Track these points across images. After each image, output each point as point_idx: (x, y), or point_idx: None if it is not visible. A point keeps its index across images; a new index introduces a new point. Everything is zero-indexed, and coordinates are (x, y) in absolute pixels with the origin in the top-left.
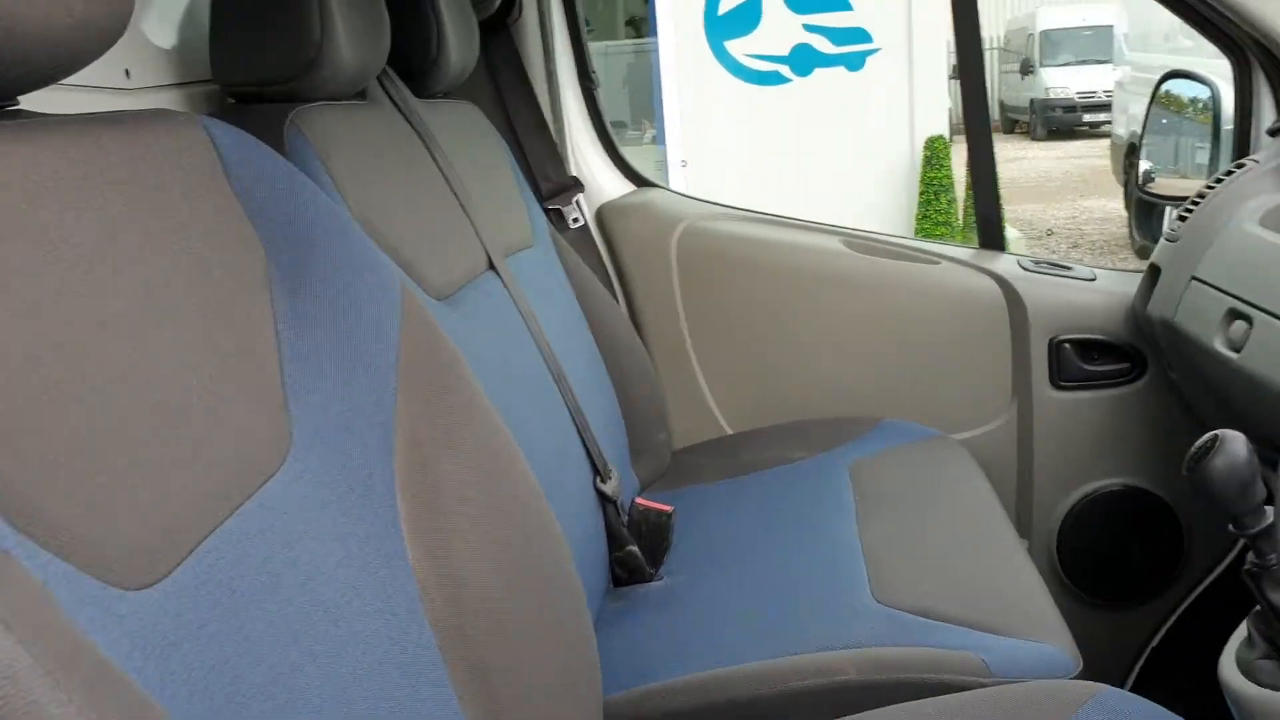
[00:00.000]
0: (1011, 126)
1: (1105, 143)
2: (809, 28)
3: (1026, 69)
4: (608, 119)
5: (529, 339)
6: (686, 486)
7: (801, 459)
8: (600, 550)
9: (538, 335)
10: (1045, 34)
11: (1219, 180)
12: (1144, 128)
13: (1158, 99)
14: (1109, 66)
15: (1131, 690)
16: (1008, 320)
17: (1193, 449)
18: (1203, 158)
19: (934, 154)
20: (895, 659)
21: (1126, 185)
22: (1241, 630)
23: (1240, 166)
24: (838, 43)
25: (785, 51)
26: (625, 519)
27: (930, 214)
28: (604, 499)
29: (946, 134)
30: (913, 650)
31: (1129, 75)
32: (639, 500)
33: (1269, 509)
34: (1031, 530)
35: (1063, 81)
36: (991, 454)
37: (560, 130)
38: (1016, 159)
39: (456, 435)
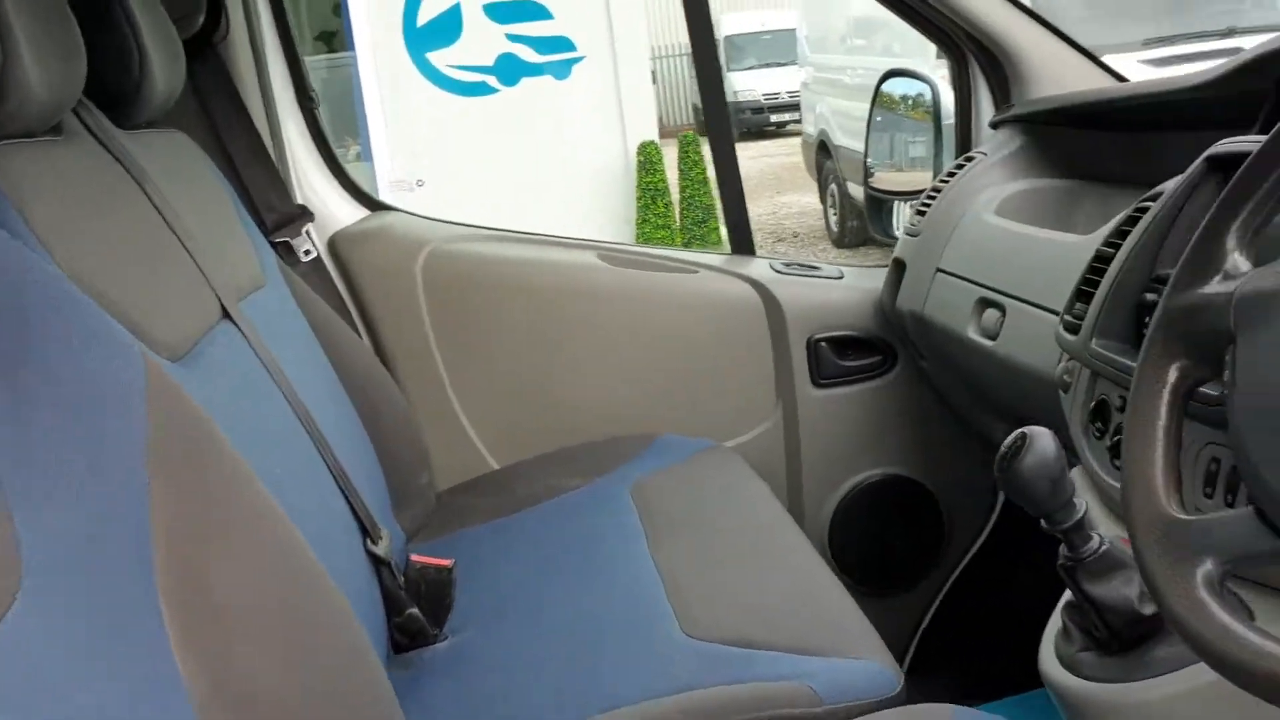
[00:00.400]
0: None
1: (795, 141)
2: (512, 37)
3: None
4: (331, 140)
5: (276, 392)
6: (457, 531)
7: (578, 487)
8: (378, 618)
9: (284, 387)
10: (729, 39)
11: (951, 175)
12: (868, 126)
13: (879, 98)
14: (793, 68)
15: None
16: (767, 324)
17: (1002, 449)
18: (926, 152)
19: (647, 159)
20: (723, 700)
21: (820, 180)
22: (1056, 621)
23: (970, 160)
24: (542, 51)
25: (490, 62)
26: (401, 579)
27: (649, 218)
28: (377, 561)
29: (657, 139)
30: (739, 688)
31: (812, 76)
32: (414, 558)
33: (1077, 502)
34: (804, 527)
35: (750, 84)
36: (762, 457)
37: (281, 155)
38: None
39: (223, 522)
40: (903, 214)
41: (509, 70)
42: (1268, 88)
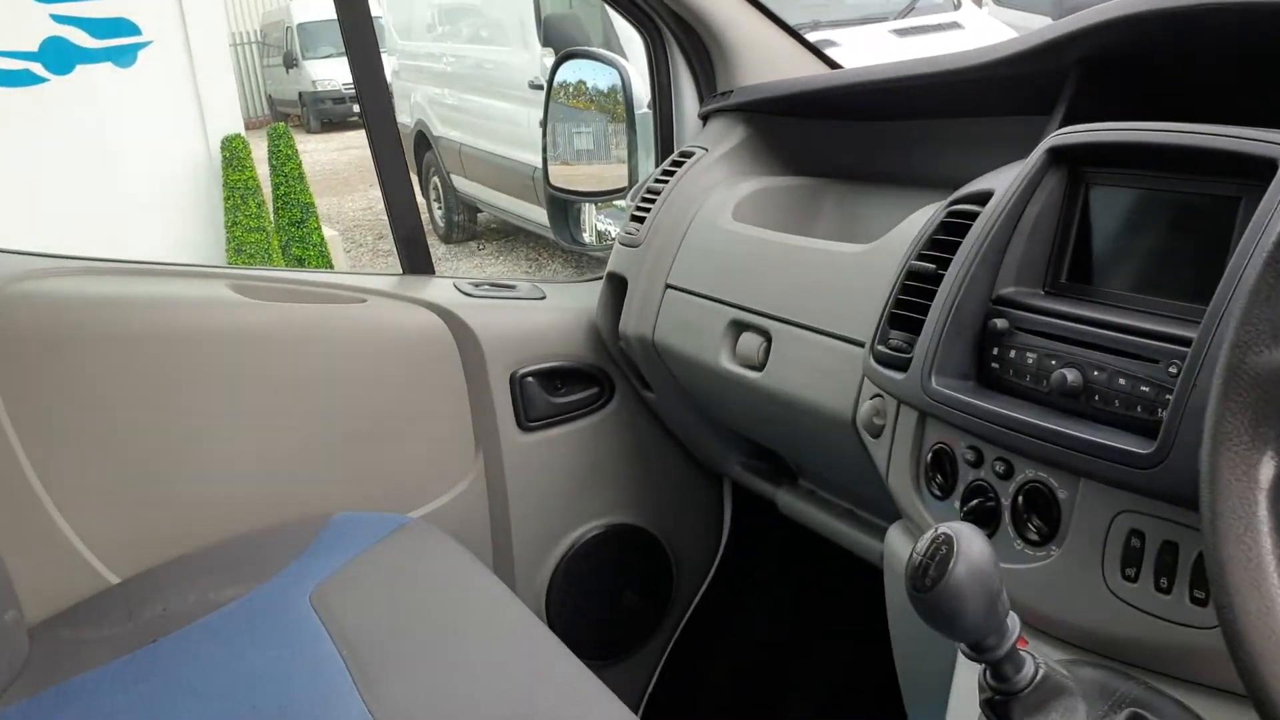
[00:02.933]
0: (284, 120)
1: None
2: (59, 18)
3: (290, 62)
4: None
5: None
6: (66, 680)
7: (236, 598)
8: None
9: None
10: (302, 26)
11: (667, 174)
12: (545, 116)
13: (555, 85)
14: (383, 56)
15: None
16: (459, 359)
17: (915, 562)
18: (613, 146)
19: (234, 155)
20: None
21: (420, 173)
22: None
23: (687, 156)
24: (98, 35)
25: (34, 47)
26: None
27: (240, 219)
28: None
29: (243, 132)
30: None
31: (402, 64)
32: None
33: (1011, 621)
34: (516, 595)
35: (329, 73)
36: (465, 521)
37: None
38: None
39: None
40: (590, 216)
41: (58, 56)
42: (1066, 68)
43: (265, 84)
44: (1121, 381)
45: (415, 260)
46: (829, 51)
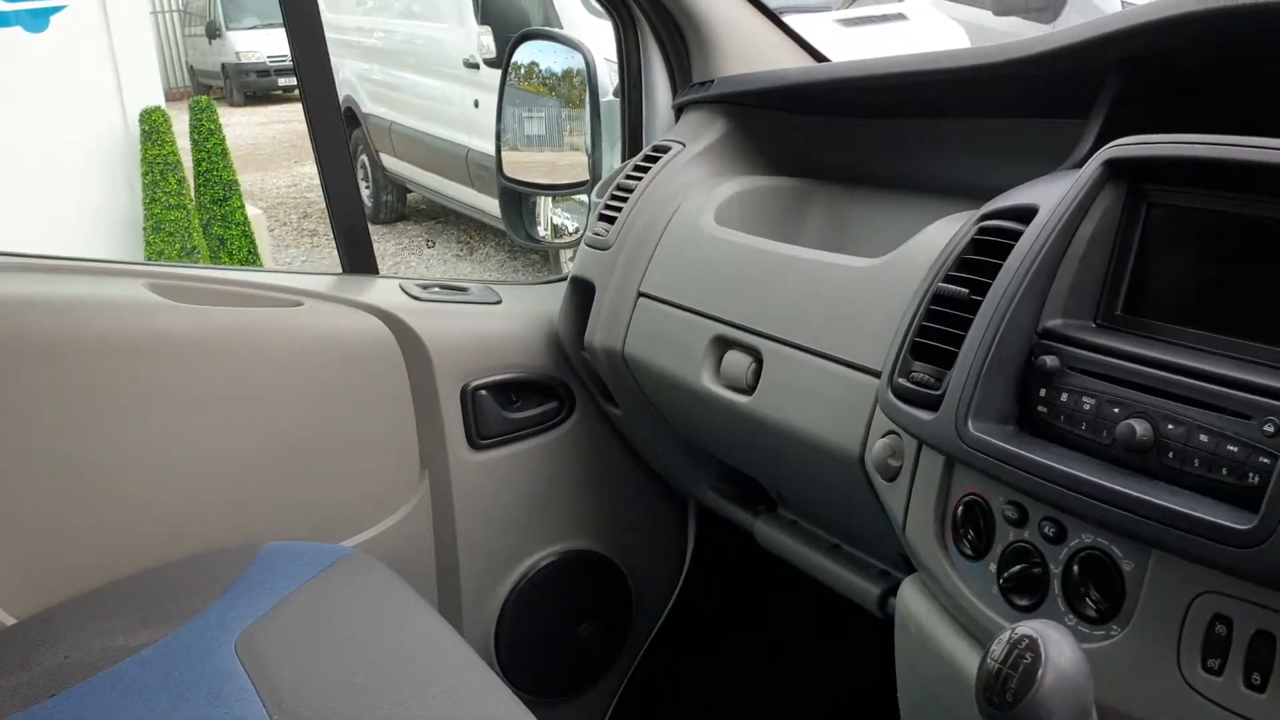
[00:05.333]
0: (206, 93)
1: None
2: None
3: (213, 32)
4: None
5: None
6: None
7: (150, 644)
8: None
9: None
10: None
11: (641, 169)
12: (500, 101)
13: (512, 69)
14: None
15: None
16: (405, 370)
17: (991, 669)
18: (570, 135)
19: (153, 128)
20: None
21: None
22: None
23: (662, 151)
24: None
25: None
26: None
27: (159, 196)
28: None
29: (163, 104)
30: None
31: (330, 38)
32: None
33: None
34: (464, 633)
35: (253, 45)
36: (408, 549)
37: None
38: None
39: None
40: (546, 210)
41: None
42: (1105, 68)
43: (187, 54)
44: (1203, 439)
45: (357, 258)
46: None
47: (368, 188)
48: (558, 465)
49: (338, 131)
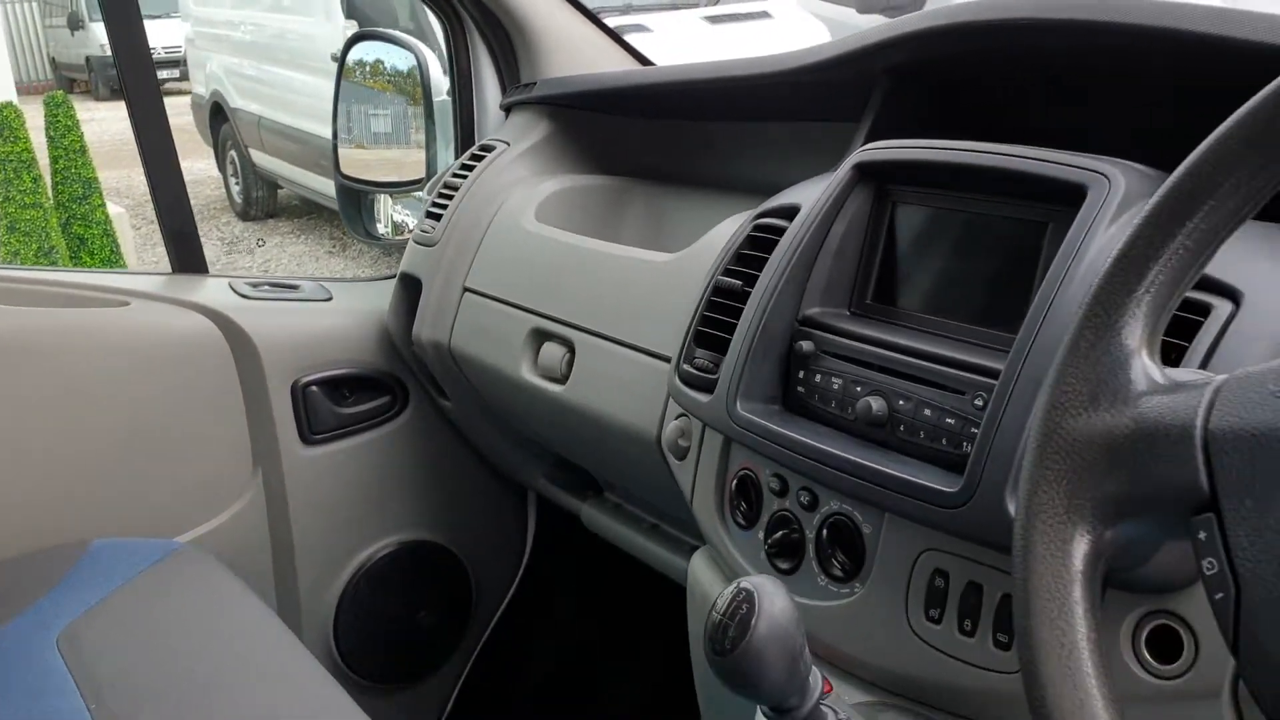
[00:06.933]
0: (70, 86)
1: (180, 101)
2: None
3: (75, 24)
4: None
5: None
6: None
7: None
8: None
9: None
10: None
11: (466, 168)
12: (335, 99)
13: (346, 68)
14: (174, 21)
15: None
16: (235, 367)
17: (715, 621)
18: (411, 133)
19: (4, 124)
20: None
21: (216, 147)
22: None
23: (488, 150)
24: None
25: None
26: None
27: (13, 195)
28: None
29: (15, 99)
30: None
31: (197, 31)
32: None
33: (813, 679)
34: (302, 625)
35: None
36: (243, 543)
37: None
38: (85, 122)
39: None
40: (386, 208)
41: None
42: (873, 77)
43: (48, 46)
44: (927, 412)
45: (186, 257)
46: (641, 36)
47: (238, 184)
48: (393, 458)
49: (163, 131)
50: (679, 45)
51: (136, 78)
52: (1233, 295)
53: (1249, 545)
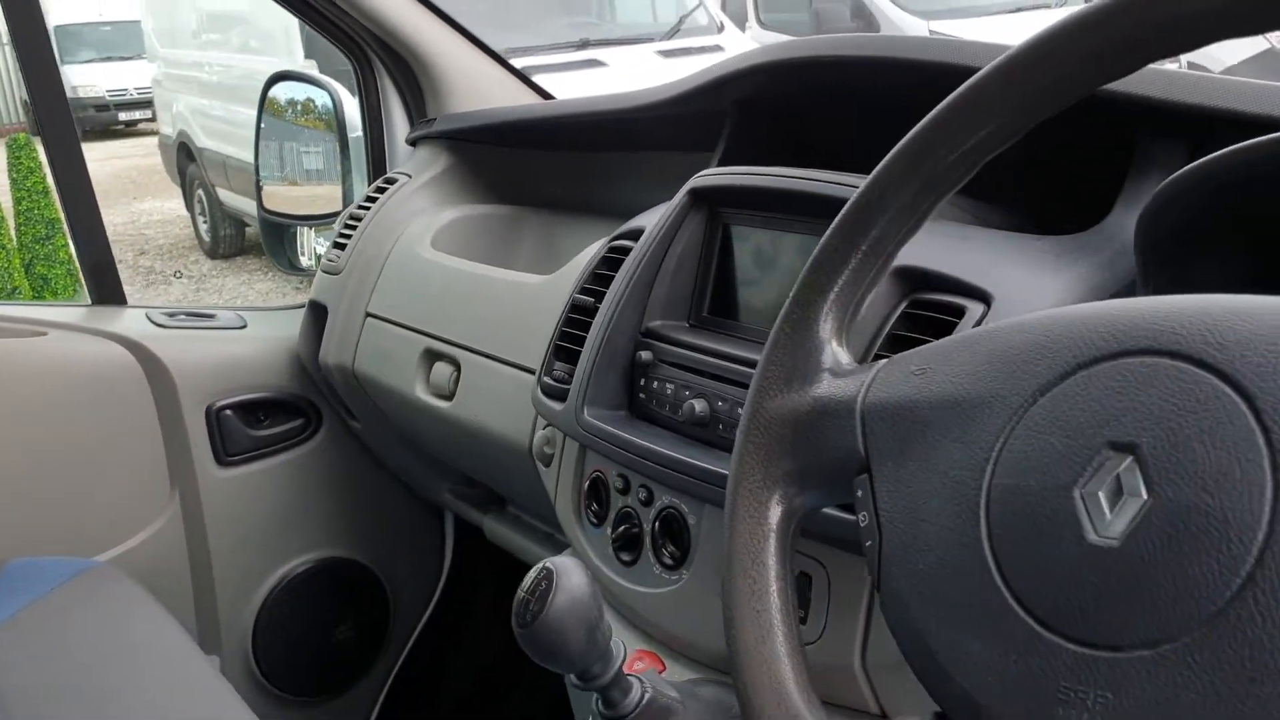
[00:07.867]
0: (38, 129)
1: (150, 141)
2: None
3: None
4: None
5: None
6: None
7: None
8: None
9: None
10: (62, 29)
11: (371, 200)
12: (256, 138)
13: (267, 105)
14: (142, 62)
15: None
16: (150, 394)
17: (520, 598)
18: (328, 169)
19: None
20: None
21: (184, 186)
22: None
23: (391, 183)
24: None
25: None
26: None
27: None
28: None
29: None
30: None
31: (164, 72)
32: None
33: (614, 646)
34: (221, 639)
35: (92, 79)
36: (161, 562)
37: None
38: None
39: None
40: (309, 240)
41: None
42: (724, 109)
43: (20, 89)
44: (739, 411)
45: (104, 289)
46: (596, 71)
47: (205, 222)
48: (308, 478)
49: (79, 165)
50: (633, 79)
51: (51, 115)
52: (985, 298)
53: (889, 499)
